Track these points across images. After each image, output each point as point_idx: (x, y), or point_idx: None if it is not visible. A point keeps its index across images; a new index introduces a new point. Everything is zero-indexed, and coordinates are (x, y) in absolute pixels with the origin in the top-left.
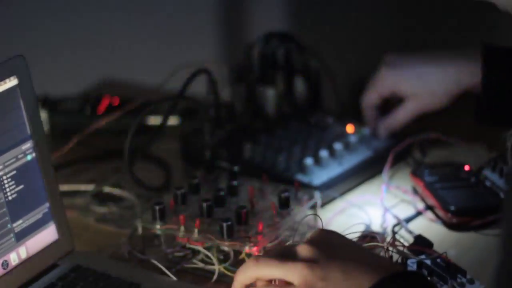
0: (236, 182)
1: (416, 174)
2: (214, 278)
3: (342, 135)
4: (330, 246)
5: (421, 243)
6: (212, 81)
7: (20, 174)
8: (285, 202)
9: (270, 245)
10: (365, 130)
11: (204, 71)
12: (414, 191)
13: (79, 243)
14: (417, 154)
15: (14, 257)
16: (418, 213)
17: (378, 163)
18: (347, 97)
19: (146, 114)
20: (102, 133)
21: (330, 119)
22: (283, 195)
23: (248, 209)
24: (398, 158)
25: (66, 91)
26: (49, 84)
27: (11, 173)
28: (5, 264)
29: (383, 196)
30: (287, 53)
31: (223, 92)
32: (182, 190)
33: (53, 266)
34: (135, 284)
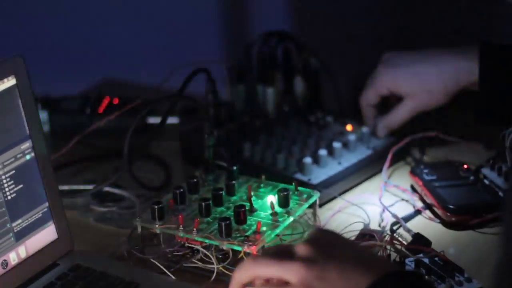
0: (235, 182)
1: (415, 173)
2: (213, 277)
3: (341, 134)
4: (327, 246)
5: (419, 241)
6: (211, 80)
7: (19, 174)
8: (284, 201)
9: (268, 244)
10: (364, 129)
11: (203, 70)
12: (413, 189)
13: (78, 242)
14: (416, 153)
15: (14, 257)
16: (417, 212)
17: (377, 162)
18: (346, 96)
19: (145, 113)
20: (102, 133)
21: (329, 118)
22: (282, 194)
23: (246, 208)
24: (397, 156)
25: (67, 91)
26: (50, 84)
27: (10, 173)
28: (4, 264)
29: (381, 194)
30: (286, 52)
31: (223, 91)
32: (181, 189)
33: (53, 266)
34: (134, 283)
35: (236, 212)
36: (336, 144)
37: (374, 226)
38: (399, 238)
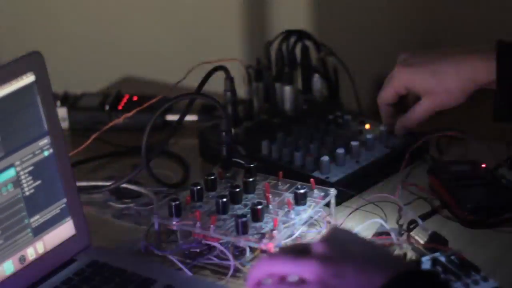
0: (252, 179)
1: (432, 172)
2: (230, 273)
3: (359, 132)
4: (344, 244)
5: (436, 240)
6: (229, 79)
7: (37, 170)
8: (301, 199)
9: (285, 241)
10: (382, 128)
11: (221, 68)
12: (430, 188)
13: (96, 238)
14: (434, 152)
15: (31, 252)
16: (434, 211)
17: (394, 160)
18: (365, 95)
19: (163, 111)
20: (121, 130)
21: (347, 117)
22: (299, 192)
23: (263, 205)
24: (415, 155)
25: (86, 88)
26: (70, 82)
27: (29, 169)
28: (22, 259)
29: (399, 193)
30: (305, 51)
31: (241, 89)
32: (199, 186)
33: (70, 261)
34: (151, 279)
35: (253, 209)
36: (354, 143)
37: (391, 224)
38: (416, 237)
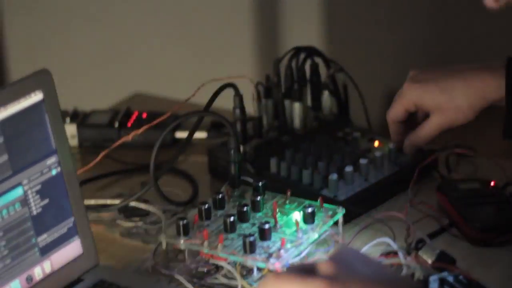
0: (260, 198)
1: (441, 190)
2: None
3: (368, 150)
4: (351, 264)
5: (444, 259)
6: (238, 96)
7: (45, 189)
8: (309, 218)
9: (292, 261)
10: (391, 145)
11: (230, 85)
12: (439, 206)
13: (104, 257)
14: (443, 170)
15: (39, 272)
16: (443, 229)
17: (403, 178)
18: (374, 111)
19: (173, 128)
20: (130, 147)
21: (356, 134)
22: (307, 210)
23: (271, 224)
24: (424, 173)
25: (96, 106)
26: (80, 99)
27: (36, 188)
28: (29, 279)
29: (407, 211)
30: (314, 68)
31: (251, 106)
32: (206, 205)
33: (78, 281)
34: None
35: (260, 229)
36: (363, 161)
37: (399, 242)
38: (424, 256)
